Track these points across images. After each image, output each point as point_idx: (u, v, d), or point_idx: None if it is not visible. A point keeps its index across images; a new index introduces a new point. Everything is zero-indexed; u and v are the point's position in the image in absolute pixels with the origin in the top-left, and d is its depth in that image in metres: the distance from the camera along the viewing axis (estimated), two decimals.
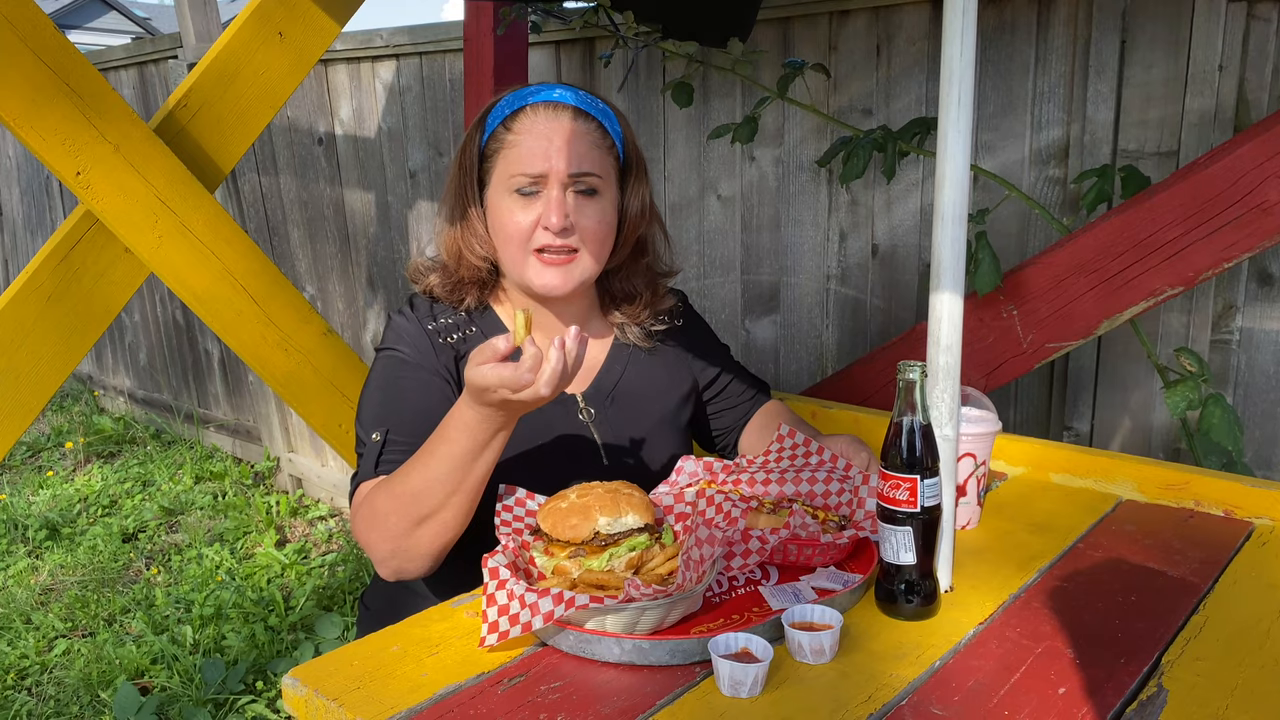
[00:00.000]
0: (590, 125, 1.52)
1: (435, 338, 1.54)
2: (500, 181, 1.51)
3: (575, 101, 1.52)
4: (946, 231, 1.29)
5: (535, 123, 1.49)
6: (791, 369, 2.75)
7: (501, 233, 1.52)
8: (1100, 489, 1.68)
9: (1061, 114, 2.21)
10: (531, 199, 1.49)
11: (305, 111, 3.78)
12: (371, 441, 1.45)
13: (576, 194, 1.50)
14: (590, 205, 1.51)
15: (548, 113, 1.50)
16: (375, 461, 1.43)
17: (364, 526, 1.39)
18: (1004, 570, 1.38)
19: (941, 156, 1.28)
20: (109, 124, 1.92)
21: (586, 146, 1.50)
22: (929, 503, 1.22)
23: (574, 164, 1.48)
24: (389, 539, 1.36)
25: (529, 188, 1.48)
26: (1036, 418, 2.35)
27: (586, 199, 1.51)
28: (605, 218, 1.54)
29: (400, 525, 1.34)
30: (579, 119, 1.51)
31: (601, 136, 1.53)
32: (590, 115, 1.52)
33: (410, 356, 1.52)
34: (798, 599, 1.28)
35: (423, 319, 1.56)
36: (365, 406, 1.50)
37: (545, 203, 1.48)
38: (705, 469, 1.54)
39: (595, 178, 1.51)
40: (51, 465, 4.78)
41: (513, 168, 1.49)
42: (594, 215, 1.52)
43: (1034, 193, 2.26)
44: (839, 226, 2.57)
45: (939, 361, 1.29)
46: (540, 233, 1.49)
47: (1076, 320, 1.89)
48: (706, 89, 2.70)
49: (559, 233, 1.48)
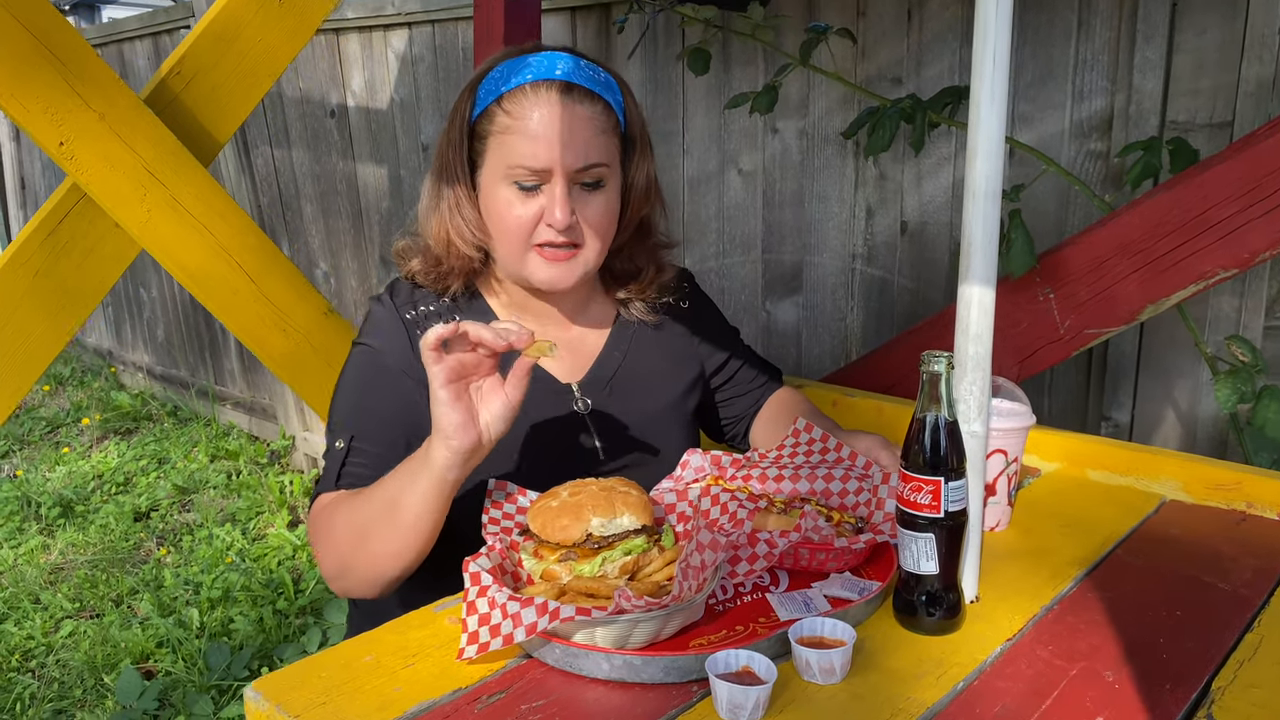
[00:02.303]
0: (596, 108, 1.40)
1: (413, 329, 1.43)
2: (497, 169, 1.40)
3: (578, 78, 1.39)
4: (978, 209, 1.18)
5: (537, 108, 1.36)
6: (814, 353, 2.63)
7: (499, 223, 1.42)
8: (1142, 488, 1.55)
9: (1105, 83, 2.07)
10: (533, 193, 1.39)
11: (317, 82, 3.69)
12: (335, 449, 1.36)
13: (581, 187, 1.40)
14: (595, 198, 1.41)
15: (549, 96, 1.37)
16: (337, 473, 1.35)
17: (316, 540, 1.32)
18: (1035, 579, 1.26)
19: (974, 126, 1.16)
20: (94, 92, 1.83)
21: (592, 134, 1.39)
22: (953, 507, 1.11)
23: (580, 157, 1.37)
24: (337, 558, 1.29)
25: (530, 182, 1.38)
26: (1073, 408, 2.22)
27: (591, 192, 1.41)
28: (610, 209, 1.44)
29: (348, 547, 1.27)
30: (583, 102, 1.39)
31: (606, 118, 1.42)
32: (595, 95, 1.41)
33: (383, 353, 1.42)
34: (808, 608, 1.17)
35: (402, 307, 1.46)
36: (334, 407, 1.41)
37: (549, 199, 1.38)
38: (713, 463, 1.43)
39: (602, 168, 1.41)
40: (69, 441, 4.76)
41: (512, 158, 1.37)
42: (598, 209, 1.42)
43: (1074, 167, 2.12)
44: (866, 202, 2.45)
45: (968, 351, 1.17)
46: (543, 228, 1.39)
47: (1118, 304, 1.76)
48: (727, 56, 2.57)
49: (563, 230, 1.38)
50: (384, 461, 1.32)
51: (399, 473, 1.24)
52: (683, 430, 1.59)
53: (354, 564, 1.27)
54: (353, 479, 1.33)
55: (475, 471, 1.41)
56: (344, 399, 1.41)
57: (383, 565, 1.26)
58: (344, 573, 1.29)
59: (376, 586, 1.29)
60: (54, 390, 5.57)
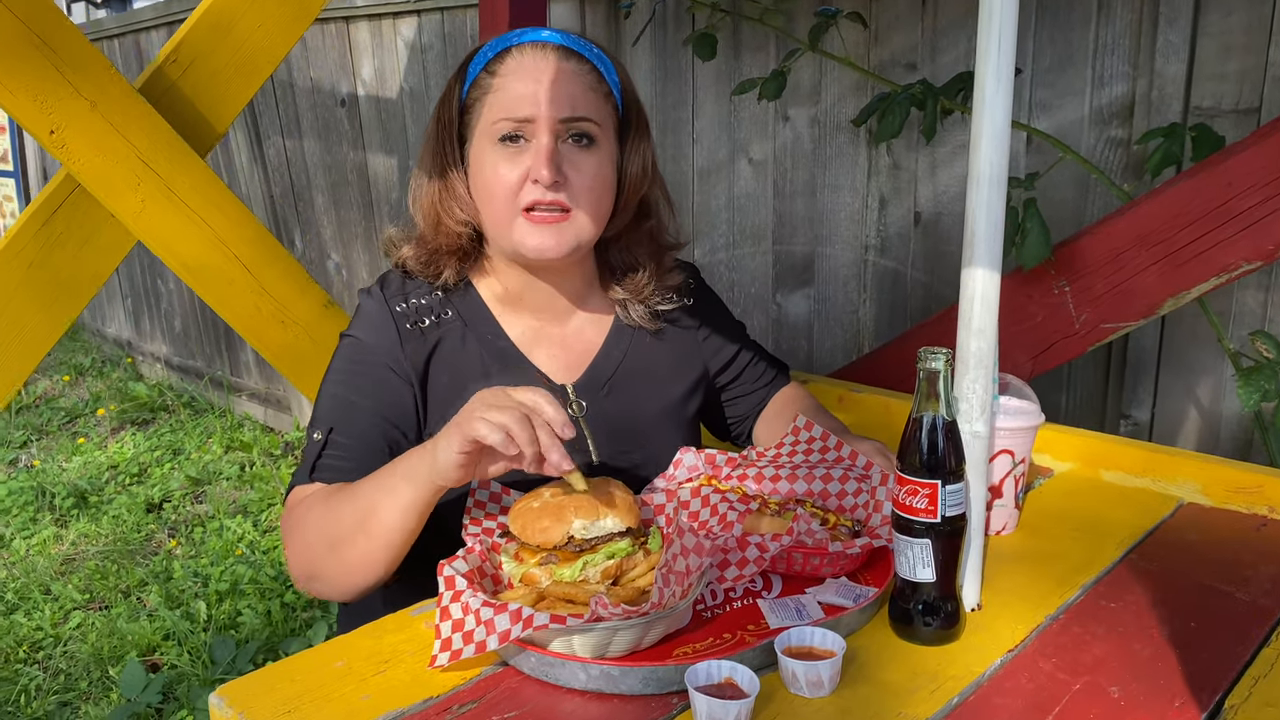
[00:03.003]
0: (585, 67, 1.35)
1: (403, 322, 1.38)
2: (483, 132, 1.34)
3: (568, 43, 1.35)
4: (982, 195, 1.12)
5: (521, 63, 1.32)
6: (825, 347, 2.57)
7: (484, 189, 1.35)
8: (1159, 489, 1.49)
9: (1126, 68, 1.99)
10: (518, 150, 1.31)
11: (328, 71, 3.66)
12: (313, 440, 1.32)
13: (570, 143, 1.33)
14: (585, 157, 1.34)
15: (535, 52, 1.33)
16: (312, 465, 1.30)
17: (287, 537, 1.28)
18: (1041, 585, 1.21)
19: (979, 108, 1.11)
20: (84, 79, 1.79)
21: (580, 89, 1.33)
22: (951, 512, 1.05)
23: (566, 107, 1.31)
24: (307, 562, 1.24)
25: (514, 134, 1.31)
26: (1090, 404, 2.15)
27: (581, 150, 1.33)
28: (602, 171, 1.36)
29: (319, 552, 1.22)
30: (571, 59, 1.34)
31: (597, 80, 1.36)
32: (584, 57, 1.36)
33: (370, 346, 1.37)
34: (800, 615, 1.12)
35: (391, 298, 1.40)
36: (318, 399, 1.37)
37: (534, 153, 1.30)
38: (707, 462, 1.38)
39: (590, 123, 1.33)
40: (86, 432, 4.77)
41: (495, 113, 1.32)
42: (589, 168, 1.34)
43: (1094, 155, 2.05)
44: (879, 192, 2.38)
45: (970, 347, 1.12)
46: (529, 187, 1.31)
47: (1137, 298, 1.69)
48: (738, 43, 2.51)
49: (550, 185, 1.30)
50: (361, 456, 1.28)
51: (378, 480, 1.20)
52: (683, 432, 1.53)
53: (323, 570, 1.23)
54: (328, 472, 1.29)
55: None
56: (327, 391, 1.37)
57: (355, 574, 1.22)
58: (313, 577, 1.25)
59: (347, 594, 1.25)
60: (74, 380, 5.59)
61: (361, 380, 1.36)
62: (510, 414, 1.07)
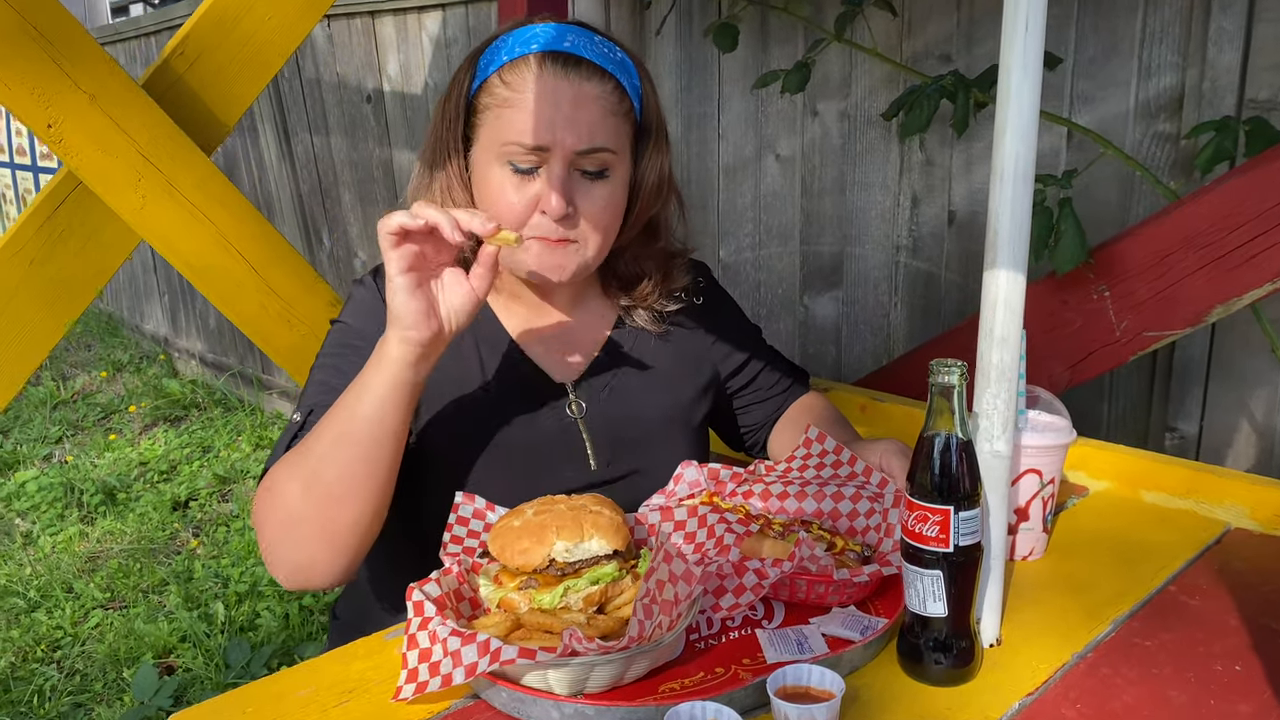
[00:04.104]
0: (607, 87, 1.27)
1: None
2: (490, 146, 1.27)
3: (588, 52, 1.26)
4: (1006, 193, 1.03)
5: (540, 81, 1.24)
6: (854, 351, 2.46)
7: (490, 209, 1.28)
8: (1204, 513, 1.37)
9: (1176, 57, 1.87)
10: (528, 177, 1.25)
11: (354, 67, 3.61)
12: (292, 421, 1.26)
13: (582, 174, 1.27)
14: (597, 189, 1.28)
15: (555, 69, 1.24)
16: (288, 443, 1.23)
17: (257, 516, 1.17)
18: (1069, 619, 1.11)
19: (1003, 98, 1.02)
20: (83, 72, 1.75)
21: (600, 114, 1.26)
22: (965, 540, 0.96)
23: (585, 138, 1.24)
24: (280, 520, 1.14)
25: (525, 162, 1.25)
26: (1134, 415, 2.03)
27: (593, 181, 1.27)
28: (613, 202, 1.30)
29: (295, 497, 1.12)
30: (593, 79, 1.25)
31: (619, 100, 1.28)
32: (607, 73, 1.27)
33: (358, 331, 1.31)
34: (802, 648, 1.03)
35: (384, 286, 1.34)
36: (305, 384, 1.31)
37: (545, 183, 1.24)
38: (710, 477, 1.29)
39: (608, 154, 1.27)
40: (120, 428, 4.79)
41: (507, 134, 1.24)
42: (601, 200, 1.28)
43: (1140, 152, 1.93)
44: (911, 190, 2.27)
45: (991, 358, 1.02)
46: (536, 218, 1.26)
47: (1183, 304, 1.58)
48: (765, 34, 2.41)
49: (559, 220, 1.25)
50: None
51: (348, 388, 1.14)
52: (689, 440, 1.45)
53: (302, 517, 1.12)
54: None
55: (451, 478, 1.30)
56: (312, 376, 1.32)
57: (337, 513, 1.12)
58: (288, 534, 1.13)
59: (330, 552, 1.13)
60: (111, 377, 5.63)
61: (347, 364, 1.29)
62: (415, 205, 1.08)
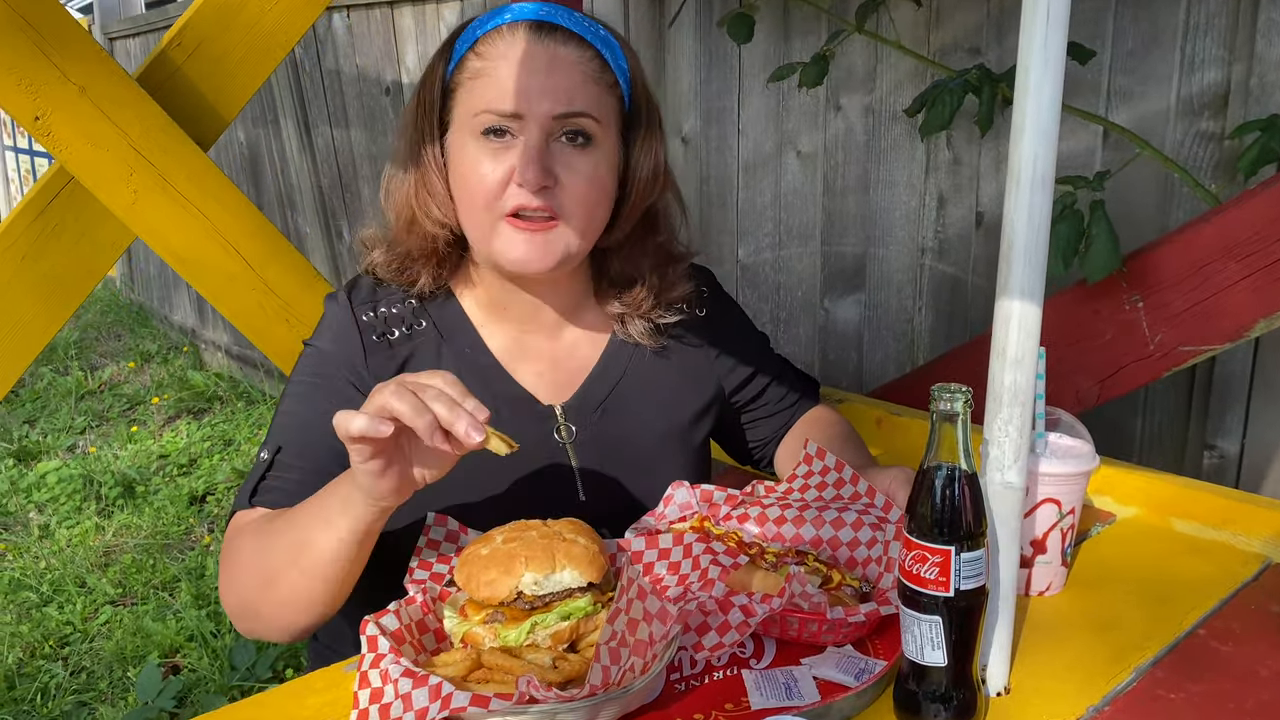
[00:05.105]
0: (586, 54, 1.18)
1: (369, 333, 1.24)
2: (464, 121, 1.18)
3: (564, 20, 1.18)
4: (1023, 200, 0.94)
5: (512, 45, 1.15)
6: (876, 358, 2.36)
7: (463, 188, 1.18)
8: (1240, 545, 1.27)
9: (1221, 51, 1.75)
10: (503, 146, 1.15)
11: (373, 59, 3.56)
12: (259, 460, 1.19)
13: (563, 141, 1.17)
14: (580, 158, 1.17)
15: (530, 35, 1.15)
16: (253, 488, 1.17)
17: (222, 569, 1.15)
18: (1087, 664, 1.01)
19: (1020, 94, 0.93)
20: (72, 63, 1.69)
21: (579, 79, 1.16)
22: (967, 585, 0.87)
23: (561, 100, 1.14)
24: (239, 599, 1.12)
25: (499, 127, 1.15)
26: (1171, 431, 1.91)
27: (575, 150, 1.17)
28: (597, 174, 1.19)
29: (253, 590, 1.10)
30: (570, 44, 1.17)
31: (600, 69, 1.19)
32: (586, 42, 1.18)
33: (329, 357, 1.24)
34: (790, 693, 0.95)
35: (359, 306, 1.25)
36: (275, 412, 1.24)
37: (520, 152, 1.14)
38: (702, 499, 1.21)
39: (589, 119, 1.17)
40: (144, 420, 4.79)
41: (478, 102, 1.15)
42: (583, 170, 1.17)
43: (1181, 152, 1.81)
44: (938, 189, 2.17)
45: (1004, 380, 0.93)
46: (513, 189, 1.15)
47: (1222, 317, 1.47)
48: (788, 25, 2.32)
49: (536, 190, 1.14)
50: (307, 479, 1.15)
51: (314, 507, 1.06)
52: (688, 463, 1.35)
53: (258, 609, 1.11)
54: (271, 494, 1.17)
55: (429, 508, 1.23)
56: (281, 406, 1.24)
57: (291, 614, 1.09)
58: (246, 615, 1.12)
59: (286, 635, 1.12)
60: (139, 367, 5.65)
61: (316, 395, 1.22)
62: (386, 392, 0.91)
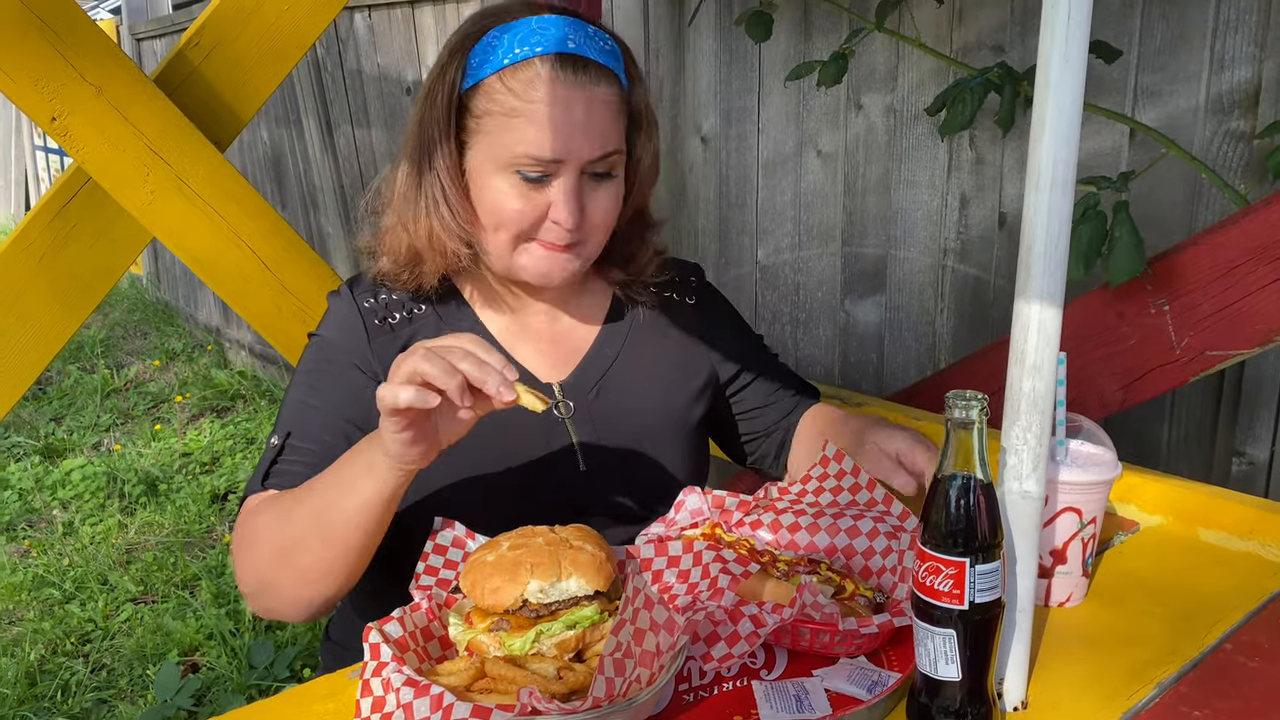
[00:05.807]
0: (612, 89, 1.21)
1: (371, 317, 1.27)
2: (496, 155, 1.19)
3: (590, 51, 1.19)
4: (1042, 203, 0.91)
5: (553, 91, 1.16)
6: (897, 360, 2.33)
7: (492, 216, 1.22)
8: (1269, 556, 1.23)
9: (1252, 48, 1.71)
10: (537, 185, 1.19)
11: (394, 59, 3.56)
12: (270, 445, 1.21)
13: (589, 176, 1.21)
14: (602, 190, 1.23)
15: (567, 77, 1.17)
16: (265, 471, 1.19)
17: (237, 548, 1.15)
18: (1107, 679, 0.98)
19: (1040, 93, 0.90)
20: (89, 64, 1.70)
21: (610, 118, 1.21)
22: (982, 597, 0.84)
23: (597, 145, 1.19)
24: (256, 572, 1.12)
25: (535, 172, 1.18)
26: (1198, 437, 1.87)
27: (599, 182, 1.23)
28: (617, 199, 1.26)
29: (270, 560, 1.10)
30: (601, 82, 1.19)
31: (620, 98, 1.23)
32: (610, 71, 1.21)
33: (333, 344, 1.27)
34: (800, 706, 0.93)
35: (360, 295, 1.30)
36: (283, 400, 1.26)
37: (559, 194, 1.19)
38: (714, 505, 1.19)
39: (617, 155, 1.23)
40: (169, 418, 4.82)
41: (516, 143, 1.17)
42: (605, 202, 1.24)
43: (1208, 152, 1.77)
44: (960, 190, 2.14)
45: (1022, 387, 0.90)
46: (547, 225, 1.21)
47: (1251, 322, 1.43)
48: (809, 23, 2.29)
49: (570, 229, 1.20)
50: (318, 462, 1.16)
51: (335, 474, 1.07)
52: (683, 443, 1.37)
53: (276, 581, 1.11)
54: (282, 478, 1.18)
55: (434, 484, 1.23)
56: (289, 395, 1.27)
57: (310, 585, 1.09)
58: (263, 590, 1.13)
59: (301, 610, 1.13)
60: (164, 365, 5.69)
61: (323, 381, 1.25)
62: (416, 358, 0.93)
